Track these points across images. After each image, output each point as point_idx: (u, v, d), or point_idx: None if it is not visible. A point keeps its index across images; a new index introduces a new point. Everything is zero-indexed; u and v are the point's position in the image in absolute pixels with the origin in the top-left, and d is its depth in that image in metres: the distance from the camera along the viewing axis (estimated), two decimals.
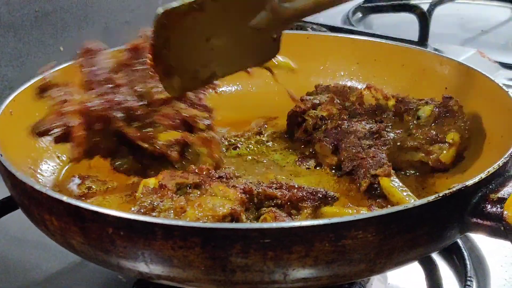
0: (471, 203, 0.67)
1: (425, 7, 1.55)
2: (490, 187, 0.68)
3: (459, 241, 0.83)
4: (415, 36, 1.50)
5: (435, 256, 0.84)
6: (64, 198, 0.64)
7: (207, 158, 0.84)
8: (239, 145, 0.98)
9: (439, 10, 1.60)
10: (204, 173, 0.76)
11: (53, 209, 0.65)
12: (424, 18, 1.51)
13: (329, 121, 0.95)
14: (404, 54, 1.08)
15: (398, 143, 0.89)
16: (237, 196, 0.71)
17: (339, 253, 0.61)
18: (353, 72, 1.13)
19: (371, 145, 0.86)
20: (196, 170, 0.77)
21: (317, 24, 1.55)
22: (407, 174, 0.90)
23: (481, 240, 0.88)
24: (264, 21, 0.80)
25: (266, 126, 1.04)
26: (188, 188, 0.73)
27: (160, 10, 0.75)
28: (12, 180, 0.70)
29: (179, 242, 0.60)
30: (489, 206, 0.66)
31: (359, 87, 1.06)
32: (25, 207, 0.71)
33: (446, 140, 0.88)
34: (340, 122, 0.92)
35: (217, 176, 0.76)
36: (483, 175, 0.67)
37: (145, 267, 0.63)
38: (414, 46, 1.14)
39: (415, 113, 0.93)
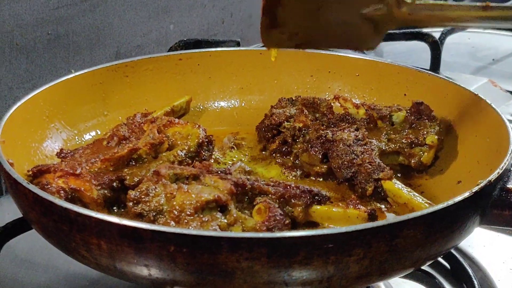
0: (493, 196, 0.72)
1: (436, 35, 1.54)
2: (505, 180, 0.74)
3: (469, 269, 0.86)
4: (426, 65, 1.49)
5: (446, 285, 0.86)
6: (118, 220, 0.63)
7: None
8: (220, 161, 1.00)
9: (450, 39, 1.60)
10: (204, 167, 0.81)
11: (103, 232, 0.64)
12: (436, 47, 1.51)
13: (306, 131, 0.98)
14: (358, 64, 1.13)
15: (383, 148, 0.94)
16: (226, 186, 0.76)
17: (392, 252, 0.65)
18: (307, 83, 1.17)
19: (362, 152, 0.90)
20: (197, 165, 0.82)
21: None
22: None
23: (493, 270, 0.91)
24: (378, 14, 0.83)
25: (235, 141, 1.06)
26: (186, 179, 0.78)
27: None
28: (48, 207, 0.67)
29: (245, 254, 0.62)
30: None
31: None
32: (61, 233, 0.68)
33: (426, 143, 0.94)
34: (322, 132, 0.95)
35: (216, 170, 0.79)
36: (500, 170, 0.73)
37: (202, 281, 0.64)
38: (370, 57, 1.19)
39: (389, 119, 0.99)
